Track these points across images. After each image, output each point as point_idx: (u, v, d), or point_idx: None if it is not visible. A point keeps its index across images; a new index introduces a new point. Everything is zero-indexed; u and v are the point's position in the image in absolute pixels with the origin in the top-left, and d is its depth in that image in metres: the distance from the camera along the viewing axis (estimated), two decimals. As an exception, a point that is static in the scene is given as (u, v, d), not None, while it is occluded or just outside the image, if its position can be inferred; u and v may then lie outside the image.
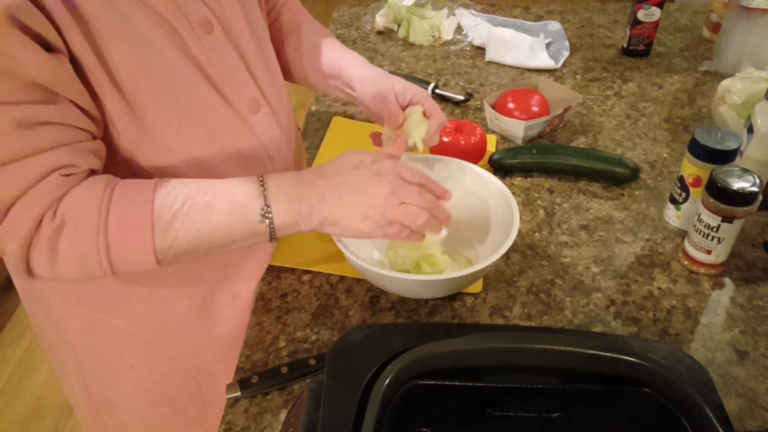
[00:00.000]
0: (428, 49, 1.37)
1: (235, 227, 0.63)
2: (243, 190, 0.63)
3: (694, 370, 0.51)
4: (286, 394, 0.69)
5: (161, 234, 0.60)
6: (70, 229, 0.58)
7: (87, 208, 0.58)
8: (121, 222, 0.59)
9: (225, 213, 0.62)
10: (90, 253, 0.59)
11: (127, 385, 0.83)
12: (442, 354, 0.48)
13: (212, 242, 0.63)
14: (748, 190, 0.74)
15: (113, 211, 0.58)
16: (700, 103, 1.17)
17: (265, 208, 0.63)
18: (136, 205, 0.59)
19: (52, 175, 0.57)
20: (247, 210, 0.63)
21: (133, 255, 0.60)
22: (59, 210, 0.57)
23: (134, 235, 0.59)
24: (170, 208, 0.60)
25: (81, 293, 0.75)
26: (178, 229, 0.61)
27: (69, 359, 0.84)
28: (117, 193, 0.59)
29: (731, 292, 0.80)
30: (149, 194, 0.60)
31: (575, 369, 0.50)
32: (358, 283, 0.81)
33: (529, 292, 0.80)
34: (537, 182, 0.99)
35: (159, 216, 0.60)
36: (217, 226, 0.62)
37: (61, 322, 0.79)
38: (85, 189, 0.58)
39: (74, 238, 0.58)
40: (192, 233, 0.61)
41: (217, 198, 0.62)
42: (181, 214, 0.61)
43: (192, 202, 0.61)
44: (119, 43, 0.58)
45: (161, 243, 0.60)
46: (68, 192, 0.58)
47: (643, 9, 1.25)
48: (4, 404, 1.75)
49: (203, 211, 0.61)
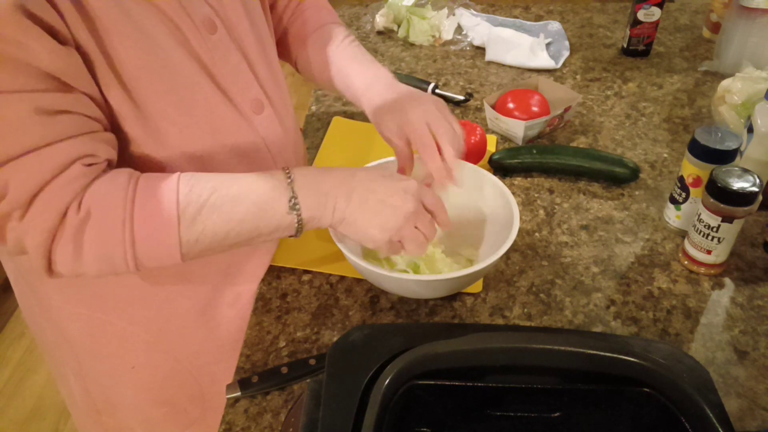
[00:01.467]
0: (428, 49, 1.37)
1: (262, 219, 0.62)
2: (270, 182, 0.63)
3: (694, 370, 0.51)
4: (286, 394, 0.69)
5: (187, 227, 0.59)
6: (96, 222, 0.56)
7: (112, 200, 0.57)
8: (147, 215, 0.58)
9: (253, 205, 0.62)
10: (116, 247, 0.58)
11: (128, 385, 0.83)
12: (442, 354, 0.48)
13: (239, 235, 0.62)
14: (748, 190, 0.74)
15: (138, 203, 0.58)
16: (700, 103, 1.17)
17: (293, 200, 0.62)
18: (161, 198, 0.58)
19: (75, 164, 0.56)
20: (275, 202, 0.62)
21: (158, 248, 0.59)
22: (84, 202, 0.56)
23: (160, 228, 0.58)
24: (196, 200, 0.59)
25: (82, 293, 0.75)
26: (205, 221, 0.60)
27: (69, 360, 0.83)
28: (141, 185, 0.59)
29: (731, 292, 0.80)
30: (174, 187, 0.59)
31: (575, 369, 0.50)
32: (358, 283, 0.81)
33: (529, 292, 0.80)
34: (537, 182, 0.99)
35: (185, 209, 0.59)
36: (245, 219, 0.62)
37: (62, 323, 0.79)
38: (108, 181, 0.58)
39: (100, 231, 0.57)
40: (219, 225, 0.61)
41: (244, 190, 0.62)
42: (207, 206, 0.60)
43: (218, 194, 0.60)
44: (124, 39, 0.58)
45: (187, 236, 0.60)
46: (92, 183, 0.57)
47: (643, 9, 1.25)
48: (4, 404, 1.75)
49: (230, 203, 0.61)
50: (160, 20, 0.61)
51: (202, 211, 0.60)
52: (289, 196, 0.62)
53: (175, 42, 0.63)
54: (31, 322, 0.86)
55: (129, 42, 0.58)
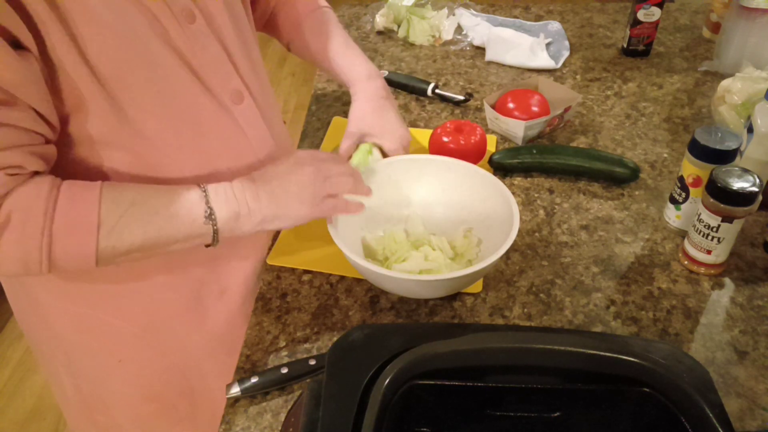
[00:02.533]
0: (428, 49, 1.37)
1: (179, 230, 0.65)
2: (186, 196, 0.65)
3: (694, 370, 0.51)
4: (286, 394, 0.69)
5: (106, 235, 0.60)
6: (15, 227, 0.57)
7: (33, 207, 0.58)
8: (67, 222, 0.59)
9: (170, 216, 0.64)
10: (32, 252, 0.58)
11: (117, 381, 0.83)
12: (442, 354, 0.48)
13: (156, 244, 0.64)
14: (748, 190, 0.74)
15: (59, 211, 0.58)
16: (700, 103, 1.17)
17: (208, 211, 0.65)
18: (83, 207, 0.59)
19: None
20: (191, 214, 0.65)
21: (75, 255, 0.60)
22: (3, 207, 0.57)
23: (79, 236, 0.59)
24: (116, 210, 0.61)
25: (68, 289, 0.75)
26: (123, 229, 0.61)
27: (60, 357, 0.84)
28: (63, 193, 0.59)
29: (731, 292, 0.80)
30: (96, 195, 0.60)
31: (575, 369, 0.50)
32: (358, 283, 0.81)
33: (529, 292, 0.80)
34: (537, 182, 0.99)
35: (106, 217, 0.60)
36: (162, 228, 0.64)
37: (51, 319, 0.79)
38: (30, 188, 0.58)
39: (18, 237, 0.58)
40: (137, 234, 0.62)
41: (163, 201, 0.64)
42: (126, 215, 0.61)
43: (139, 205, 0.62)
44: (100, 32, 0.58)
45: (104, 243, 0.61)
46: (12, 190, 0.57)
47: (643, 9, 1.25)
48: (4, 404, 1.75)
49: (149, 213, 0.63)
50: (138, 11, 0.61)
51: (120, 221, 0.61)
52: (204, 208, 0.65)
53: (153, 33, 0.63)
54: (23, 322, 0.86)
55: (106, 34, 0.58)
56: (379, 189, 0.85)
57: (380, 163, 0.85)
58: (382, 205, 0.85)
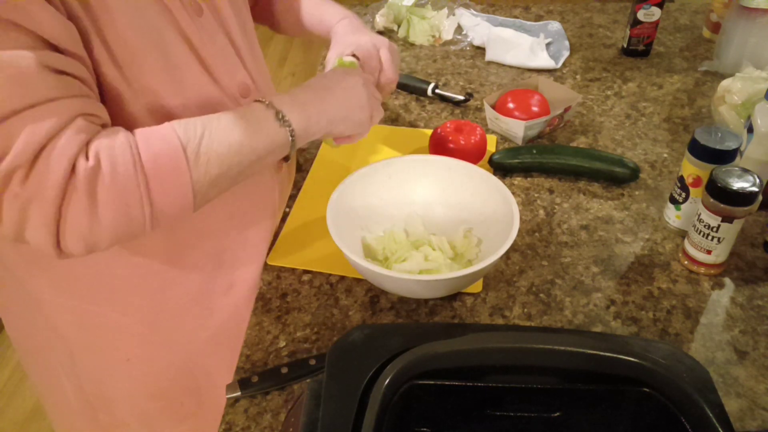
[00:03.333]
0: (428, 49, 1.37)
1: (258, 139, 0.65)
2: (251, 108, 0.66)
3: (694, 370, 0.51)
4: (286, 394, 0.69)
5: (194, 161, 0.60)
6: (108, 169, 0.55)
7: (118, 146, 0.56)
8: (155, 155, 0.58)
9: (245, 128, 0.64)
10: (132, 192, 0.56)
11: (122, 378, 0.83)
12: (442, 354, 0.48)
13: (241, 160, 0.64)
14: (748, 190, 0.74)
15: (142, 147, 0.57)
16: (700, 103, 1.17)
17: (280, 114, 0.66)
18: (162, 139, 0.59)
19: (78, 118, 0.55)
20: (264, 120, 0.66)
21: (173, 191, 0.59)
22: (91, 150, 0.55)
23: (171, 165, 0.58)
24: (194, 135, 0.60)
25: (74, 285, 0.75)
26: (208, 152, 0.61)
27: (62, 357, 0.83)
28: (138, 134, 0.59)
29: (731, 292, 0.80)
30: (170, 130, 0.60)
31: (575, 369, 0.50)
32: (358, 283, 0.81)
33: (529, 292, 0.80)
34: (537, 182, 0.99)
35: (187, 144, 0.60)
36: (242, 142, 0.64)
37: (53, 318, 0.78)
38: (108, 134, 0.57)
39: (113, 178, 0.55)
40: (222, 152, 0.62)
41: (232, 118, 0.64)
42: (205, 138, 0.61)
43: (211, 126, 0.62)
44: (120, 17, 0.58)
45: (196, 172, 0.60)
46: (94, 137, 0.56)
47: (643, 9, 1.25)
48: (4, 404, 1.75)
49: (225, 131, 0.63)
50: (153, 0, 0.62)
51: (201, 144, 0.61)
52: (273, 113, 0.66)
53: (166, 22, 0.63)
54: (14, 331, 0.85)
55: (125, 20, 0.59)
56: (379, 189, 0.85)
57: (380, 163, 0.85)
58: (382, 205, 0.85)
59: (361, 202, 0.83)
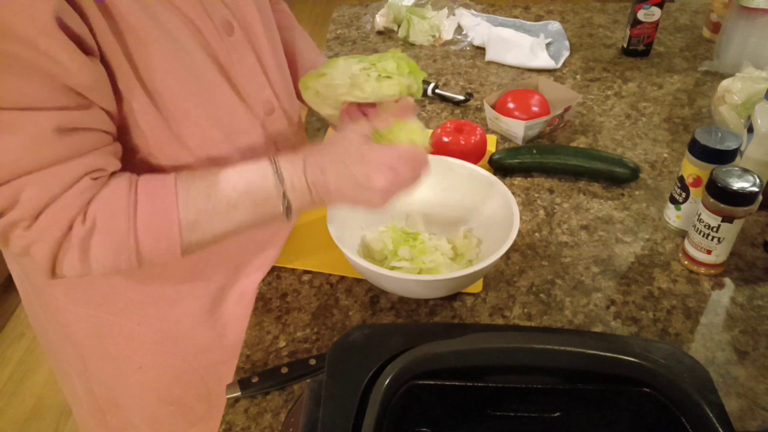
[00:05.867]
0: (428, 49, 1.37)
1: (256, 220, 0.66)
2: (263, 187, 0.65)
3: (694, 370, 0.51)
4: (286, 394, 0.69)
5: (188, 232, 0.62)
6: (101, 231, 0.58)
7: (116, 208, 0.59)
8: (150, 223, 0.60)
9: (248, 208, 0.65)
10: (121, 252, 0.60)
11: (134, 385, 0.83)
12: (442, 354, 0.48)
13: (237, 232, 0.66)
14: (748, 190, 0.74)
15: (141, 211, 0.60)
16: (700, 103, 1.17)
17: (285, 201, 0.65)
18: (162, 206, 0.61)
19: (84, 178, 0.57)
20: (268, 205, 0.65)
21: (160, 252, 0.62)
22: (89, 213, 0.58)
23: (163, 235, 0.61)
24: (194, 204, 0.62)
25: (90, 295, 0.75)
26: (205, 226, 0.63)
27: (74, 361, 0.83)
28: (141, 192, 0.60)
29: (731, 292, 0.80)
30: (172, 190, 0.61)
31: (575, 369, 0.50)
32: (358, 283, 0.81)
33: (529, 292, 0.80)
34: (537, 182, 0.99)
35: (185, 213, 0.61)
36: (242, 221, 0.65)
37: (67, 324, 0.79)
38: (111, 191, 0.59)
39: (106, 240, 0.59)
40: (218, 227, 0.64)
41: (239, 195, 0.64)
42: (206, 212, 0.62)
43: (215, 200, 0.63)
44: (150, 43, 0.58)
45: (188, 240, 0.62)
46: (96, 194, 0.59)
47: (643, 9, 1.25)
48: (4, 404, 1.75)
49: (227, 209, 0.63)
50: (182, 23, 0.61)
51: (201, 217, 0.62)
52: (281, 198, 0.65)
53: (197, 45, 0.63)
54: (35, 323, 0.86)
55: (156, 46, 0.59)
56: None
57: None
58: (382, 205, 0.85)
59: None
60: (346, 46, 1.39)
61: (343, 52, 1.36)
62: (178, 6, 0.61)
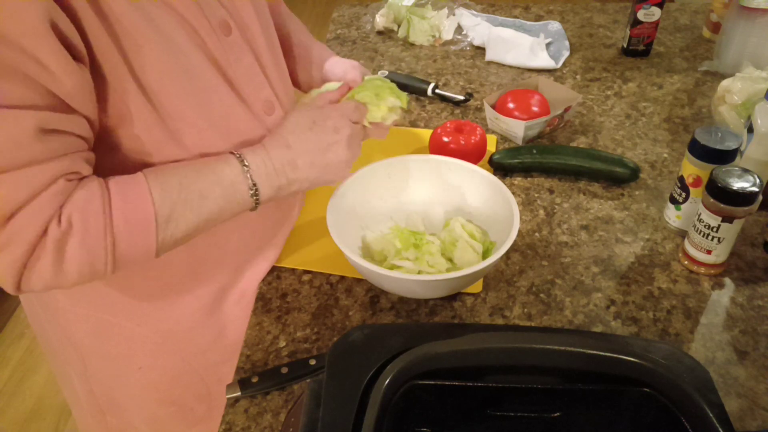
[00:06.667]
0: (428, 49, 1.37)
1: (226, 209, 0.67)
2: (229, 174, 0.67)
3: (694, 370, 0.51)
4: (286, 394, 0.69)
5: (163, 226, 0.61)
6: (78, 232, 0.57)
7: (91, 208, 0.58)
8: (126, 219, 0.59)
9: (218, 197, 0.66)
10: (98, 253, 0.59)
11: (134, 386, 0.83)
12: (442, 354, 0.48)
13: (207, 223, 0.66)
14: (748, 190, 0.74)
15: (116, 209, 0.59)
16: (700, 103, 1.17)
17: (253, 189, 0.68)
18: (137, 201, 0.60)
19: (59, 180, 0.56)
20: (237, 193, 0.67)
21: (137, 250, 0.61)
22: (64, 214, 0.57)
23: (139, 229, 0.60)
24: (169, 200, 0.62)
25: (91, 296, 0.75)
26: (178, 218, 0.63)
27: (74, 361, 0.83)
28: (113, 190, 0.59)
29: (731, 292, 0.80)
30: (145, 187, 0.61)
31: (575, 369, 0.50)
32: (358, 283, 0.81)
33: (529, 292, 0.80)
34: (537, 182, 0.99)
35: (160, 209, 0.61)
36: (212, 211, 0.66)
37: (67, 325, 0.79)
38: (84, 191, 0.58)
39: (83, 241, 0.57)
40: (191, 219, 0.64)
41: (209, 184, 0.65)
42: (178, 206, 0.62)
43: (187, 191, 0.63)
44: (145, 44, 0.58)
45: (163, 235, 0.62)
46: (70, 196, 0.58)
47: (643, 9, 1.25)
48: (4, 404, 1.75)
49: (198, 199, 0.64)
50: (179, 23, 0.61)
51: (174, 210, 0.62)
52: (248, 185, 0.67)
53: (193, 45, 0.63)
54: (34, 322, 0.86)
55: (151, 46, 0.59)
56: (379, 189, 0.85)
57: (380, 163, 0.85)
58: (382, 205, 0.85)
59: (361, 202, 0.83)
60: (346, 46, 1.39)
61: (343, 52, 1.36)
62: (174, 7, 0.61)
